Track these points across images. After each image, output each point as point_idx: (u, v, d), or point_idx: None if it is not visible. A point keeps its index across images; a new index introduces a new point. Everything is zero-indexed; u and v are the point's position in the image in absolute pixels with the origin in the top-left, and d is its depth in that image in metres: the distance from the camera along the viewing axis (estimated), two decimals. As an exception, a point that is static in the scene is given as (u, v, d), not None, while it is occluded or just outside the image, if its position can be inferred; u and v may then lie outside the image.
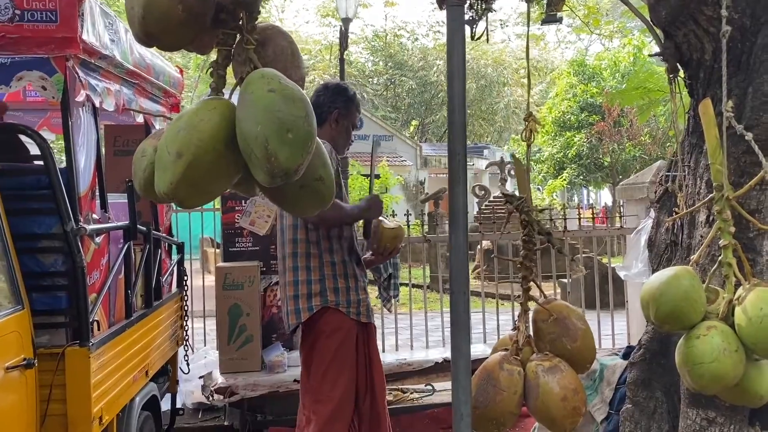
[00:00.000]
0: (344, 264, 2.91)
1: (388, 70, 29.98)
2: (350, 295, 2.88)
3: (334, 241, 2.91)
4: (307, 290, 2.86)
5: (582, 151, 21.28)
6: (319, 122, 3.08)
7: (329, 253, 2.89)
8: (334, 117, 3.06)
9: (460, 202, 1.54)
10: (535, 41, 28.92)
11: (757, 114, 1.80)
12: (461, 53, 1.54)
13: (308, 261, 2.87)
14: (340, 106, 3.07)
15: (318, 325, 2.86)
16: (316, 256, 2.88)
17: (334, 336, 2.85)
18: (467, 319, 1.53)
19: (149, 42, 1.34)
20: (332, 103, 3.06)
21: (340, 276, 2.88)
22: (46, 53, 2.44)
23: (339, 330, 2.85)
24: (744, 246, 1.78)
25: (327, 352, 2.85)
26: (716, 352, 1.58)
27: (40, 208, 2.59)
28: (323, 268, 2.87)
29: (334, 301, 2.85)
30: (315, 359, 2.87)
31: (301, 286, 2.87)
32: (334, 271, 2.88)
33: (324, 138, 3.00)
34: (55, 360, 2.51)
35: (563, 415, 1.55)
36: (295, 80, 1.39)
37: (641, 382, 2.25)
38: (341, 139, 3.10)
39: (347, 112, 3.08)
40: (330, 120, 3.06)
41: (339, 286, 2.87)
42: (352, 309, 2.87)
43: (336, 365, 2.85)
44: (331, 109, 3.05)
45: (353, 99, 3.12)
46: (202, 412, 5.00)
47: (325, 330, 2.86)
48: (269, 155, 1.21)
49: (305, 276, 2.87)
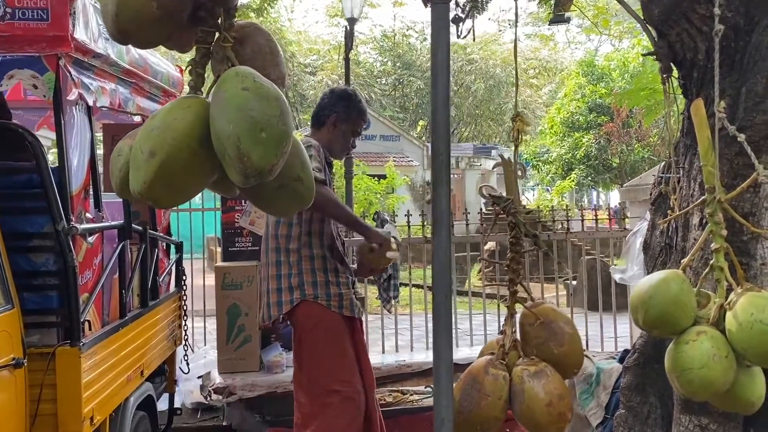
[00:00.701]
0: (324, 259, 2.96)
1: (397, 70, 29.98)
2: (330, 288, 2.92)
3: (315, 237, 2.97)
4: (287, 283, 2.93)
5: (590, 152, 21.18)
6: (319, 124, 3.15)
7: (308, 248, 2.95)
8: (332, 121, 3.10)
9: (443, 203, 1.51)
10: (544, 42, 28.84)
11: (751, 115, 1.76)
12: (445, 51, 1.52)
13: (288, 256, 2.95)
14: (340, 110, 3.11)
15: (300, 318, 2.93)
16: (295, 251, 2.95)
17: (318, 328, 2.90)
18: (449, 323, 1.50)
19: (123, 39, 1.32)
20: (333, 107, 3.11)
21: (319, 270, 2.93)
22: (37, 51, 2.43)
23: (321, 322, 2.90)
24: (737, 249, 1.74)
25: (315, 344, 2.89)
26: (705, 358, 1.55)
27: (31, 207, 2.58)
28: (301, 263, 2.94)
29: (312, 294, 2.89)
30: (304, 353, 2.93)
31: (283, 279, 2.94)
32: (312, 266, 2.93)
33: (321, 139, 3.07)
34: (45, 360, 2.50)
35: (548, 421, 1.52)
36: (273, 79, 1.37)
37: (635, 386, 2.21)
38: (338, 144, 3.13)
39: (346, 117, 3.11)
40: (328, 123, 3.11)
41: (318, 279, 2.92)
42: (333, 302, 2.91)
43: (329, 356, 2.87)
44: (330, 113, 3.10)
45: (355, 105, 3.15)
46: (201, 412, 4.99)
47: (308, 323, 2.92)
48: (241, 155, 1.19)
49: (286, 270, 2.94)
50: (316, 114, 3.17)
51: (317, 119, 3.15)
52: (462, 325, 5.99)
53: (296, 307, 2.90)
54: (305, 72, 30.11)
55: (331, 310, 2.89)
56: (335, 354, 2.88)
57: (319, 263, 2.94)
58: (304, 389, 2.95)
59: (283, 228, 2.96)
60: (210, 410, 4.98)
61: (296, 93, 29.25)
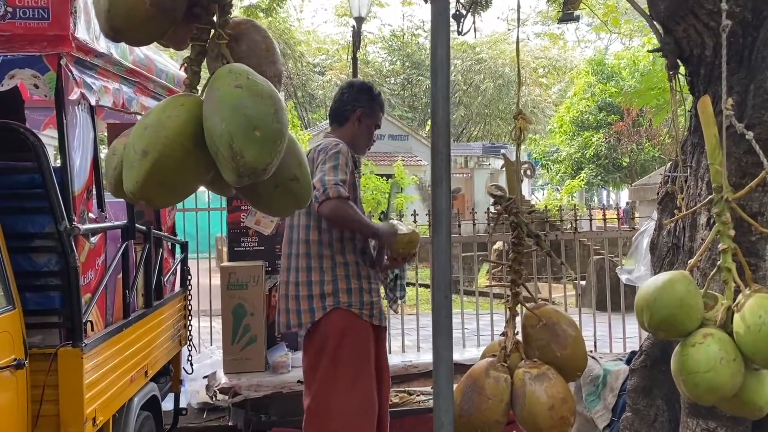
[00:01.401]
0: (357, 265, 2.89)
1: (406, 70, 29.95)
2: (363, 296, 2.85)
3: (347, 242, 2.89)
4: (320, 290, 2.85)
5: (600, 151, 21.08)
6: (342, 120, 3.05)
7: (342, 254, 2.88)
8: (357, 116, 3.02)
9: (442, 203, 1.49)
10: (553, 40, 28.71)
11: (759, 112, 1.72)
12: (445, 47, 1.49)
13: (321, 262, 2.87)
14: (364, 105, 3.03)
15: (330, 326, 2.84)
16: (329, 257, 2.87)
17: (347, 337, 2.82)
18: (449, 325, 1.47)
19: (116, 37, 1.30)
20: (356, 101, 3.02)
21: (353, 277, 2.86)
22: (38, 51, 2.42)
23: (351, 331, 2.83)
24: (745, 250, 1.71)
25: (341, 352, 2.82)
26: (713, 361, 1.51)
27: (33, 207, 2.57)
28: (336, 269, 2.86)
29: (347, 302, 2.82)
30: (325, 361, 2.84)
31: (314, 286, 2.86)
32: (347, 272, 2.86)
33: (345, 137, 2.99)
34: (47, 360, 2.49)
35: (550, 425, 1.49)
36: (269, 76, 1.35)
37: (642, 389, 2.18)
38: (362, 139, 3.06)
39: (371, 111, 3.04)
40: (353, 119, 3.03)
41: (352, 286, 2.85)
42: (365, 311, 2.85)
43: (352, 366, 2.81)
44: (354, 108, 3.01)
45: (377, 98, 3.09)
46: (206, 412, 4.99)
47: (336, 331, 2.83)
48: (235, 154, 1.17)
49: (318, 276, 2.86)
50: (337, 110, 3.07)
51: (339, 115, 3.05)
52: (469, 326, 5.96)
53: (328, 314, 2.83)
54: (314, 72, 30.15)
55: (362, 319, 2.83)
56: (358, 364, 2.82)
57: (353, 270, 2.87)
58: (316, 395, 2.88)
59: (314, 233, 2.88)
60: (216, 410, 4.97)
61: (305, 93, 29.30)
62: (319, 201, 2.73)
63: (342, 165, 2.80)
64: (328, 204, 2.72)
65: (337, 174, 2.77)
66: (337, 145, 2.87)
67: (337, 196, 2.72)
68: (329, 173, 2.76)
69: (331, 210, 2.72)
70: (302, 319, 2.89)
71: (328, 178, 2.75)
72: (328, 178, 2.75)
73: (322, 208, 2.74)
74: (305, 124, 25.35)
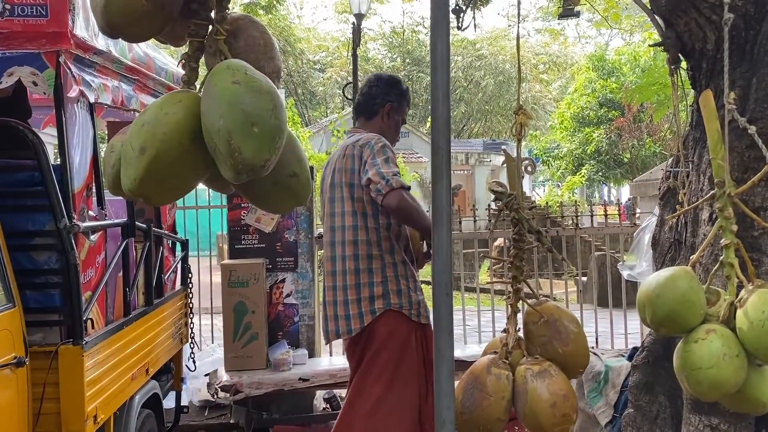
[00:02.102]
0: (404, 265, 2.86)
1: (406, 67, 29.89)
2: (411, 295, 2.82)
3: (394, 241, 2.85)
4: (369, 293, 2.79)
5: (601, 147, 21.02)
6: (370, 114, 3.01)
7: (390, 254, 2.83)
8: (387, 110, 3.00)
9: (443, 199, 1.48)
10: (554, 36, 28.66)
11: (762, 106, 1.71)
12: (445, 43, 1.48)
13: (370, 263, 2.81)
14: (394, 99, 3.00)
15: (380, 328, 2.79)
16: (379, 258, 2.81)
17: (395, 338, 2.78)
18: (450, 322, 1.46)
19: (113, 33, 1.29)
20: (386, 95, 2.99)
21: (401, 277, 2.82)
22: (36, 48, 2.41)
23: (400, 332, 2.79)
24: (748, 245, 1.70)
25: (392, 355, 2.78)
26: (715, 357, 1.50)
27: (33, 205, 2.57)
28: (385, 270, 2.80)
29: (398, 304, 2.78)
30: (377, 364, 2.79)
31: (363, 288, 2.79)
32: (396, 273, 2.82)
33: (373, 131, 2.95)
34: (48, 358, 2.48)
35: (552, 423, 1.48)
36: (268, 72, 1.34)
37: (644, 385, 2.17)
38: (390, 133, 3.02)
39: (399, 106, 3.02)
40: (382, 113, 3.00)
41: (401, 287, 2.81)
42: (413, 311, 2.81)
43: (403, 369, 2.77)
44: (384, 102, 2.98)
45: (406, 93, 3.07)
46: (208, 410, 4.98)
47: (385, 333, 2.79)
48: (233, 150, 1.16)
49: (368, 278, 2.80)
50: (365, 103, 3.02)
51: (369, 109, 3.01)
52: (471, 322, 5.95)
53: (377, 317, 2.77)
54: (314, 69, 30.11)
55: (411, 320, 2.79)
56: (406, 364, 2.78)
57: (401, 270, 2.83)
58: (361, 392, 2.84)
59: (362, 233, 2.81)
60: (217, 408, 4.97)
61: (305, 90, 29.27)
62: (383, 193, 2.68)
63: (392, 158, 2.78)
64: (394, 195, 2.67)
65: (390, 166, 2.73)
66: (380, 139, 2.84)
67: (399, 186, 2.68)
68: (383, 166, 2.72)
69: (398, 201, 2.67)
70: (351, 325, 2.81)
71: (386, 170, 2.70)
72: (385, 170, 2.70)
73: (387, 199, 2.68)
74: (306, 122, 25.33)
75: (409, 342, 2.78)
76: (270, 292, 4.78)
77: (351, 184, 2.84)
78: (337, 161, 2.91)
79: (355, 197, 2.84)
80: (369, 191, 2.76)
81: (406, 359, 2.78)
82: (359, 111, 3.07)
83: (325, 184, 3.01)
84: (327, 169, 3.04)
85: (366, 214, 2.82)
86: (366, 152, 2.78)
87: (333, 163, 2.97)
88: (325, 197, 2.98)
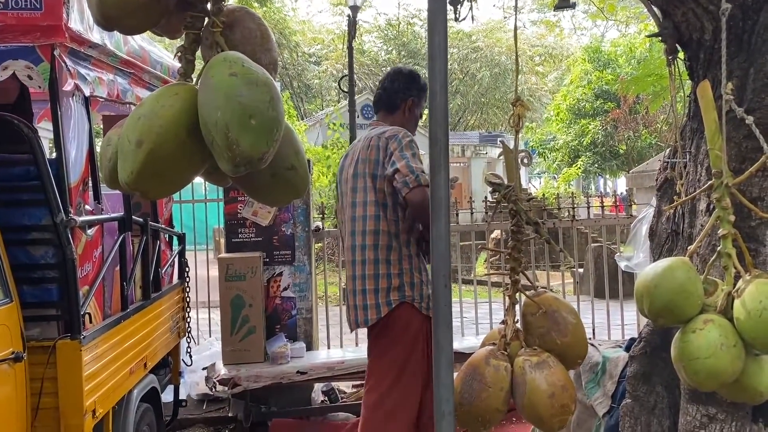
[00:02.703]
0: (418, 257, 2.90)
1: (402, 59, 29.80)
2: (423, 289, 2.85)
3: (411, 234, 2.88)
4: (387, 284, 2.82)
5: (597, 139, 21.04)
6: (391, 108, 3.04)
7: (407, 246, 2.86)
8: (408, 105, 3.03)
9: (441, 191, 1.47)
10: (549, 28, 28.60)
11: (759, 96, 1.70)
12: (443, 33, 1.47)
13: (389, 253, 2.84)
14: (415, 94, 3.03)
15: (394, 320, 2.83)
16: (397, 249, 2.84)
17: (408, 332, 2.82)
18: (449, 314, 1.46)
19: (108, 25, 1.28)
20: (407, 90, 3.02)
21: (416, 270, 2.86)
22: (31, 42, 2.40)
23: (413, 325, 2.82)
24: (745, 236, 1.70)
25: (405, 348, 2.81)
26: (713, 347, 1.50)
27: (29, 200, 2.57)
28: (402, 262, 2.84)
29: (411, 296, 2.82)
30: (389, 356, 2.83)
31: (381, 279, 2.83)
32: (411, 265, 2.85)
33: (394, 124, 2.98)
34: (46, 353, 2.49)
35: (551, 414, 1.48)
36: (264, 64, 1.33)
37: (641, 376, 2.17)
38: (410, 127, 3.05)
39: (419, 101, 3.06)
40: (403, 107, 3.03)
41: (415, 280, 2.84)
42: (424, 304, 2.85)
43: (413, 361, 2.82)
44: (406, 97, 3.02)
45: (425, 88, 3.08)
46: (206, 403, 4.99)
47: (400, 326, 2.83)
48: (230, 143, 1.15)
49: (386, 269, 2.83)
50: (388, 97, 3.05)
51: (390, 103, 3.05)
52: (468, 314, 5.96)
53: (393, 309, 2.81)
54: (309, 62, 30.00)
55: (422, 312, 2.82)
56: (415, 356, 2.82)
57: (416, 262, 2.87)
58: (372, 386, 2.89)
59: (383, 223, 2.85)
60: (215, 401, 4.98)
61: (301, 83, 29.17)
62: (411, 187, 2.72)
63: (418, 154, 2.83)
64: (421, 191, 2.70)
65: (418, 162, 2.78)
66: (407, 133, 2.87)
67: (427, 185, 2.70)
68: (412, 161, 2.76)
69: (422, 197, 2.68)
70: (368, 315, 2.85)
71: (415, 166, 2.74)
72: (415, 165, 2.75)
73: (413, 194, 2.72)
74: (301, 115, 25.26)
75: (419, 335, 2.83)
76: (267, 286, 4.78)
77: (374, 175, 2.87)
78: (361, 152, 2.93)
79: (378, 188, 2.87)
80: (393, 181, 2.79)
81: (416, 352, 2.82)
82: (380, 104, 3.10)
83: (346, 174, 3.02)
84: (348, 159, 3.05)
85: (386, 205, 2.85)
86: (393, 144, 2.82)
87: (356, 153, 2.98)
88: (347, 187, 3.00)
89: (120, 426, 3.02)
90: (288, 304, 4.85)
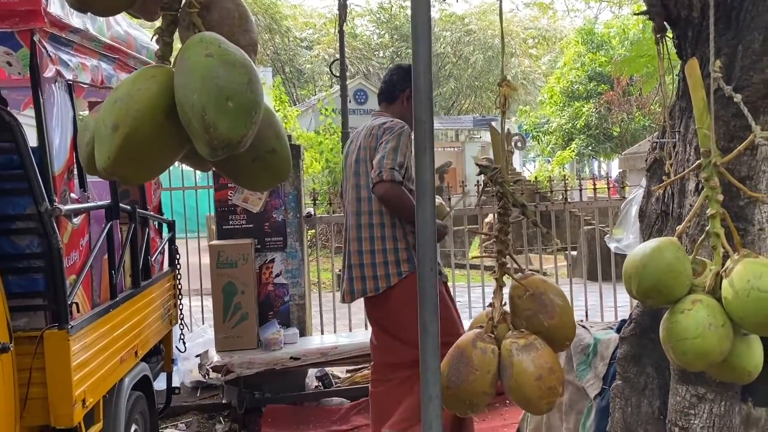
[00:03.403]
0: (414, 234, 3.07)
1: (394, 43, 29.65)
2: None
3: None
4: (395, 257, 3.12)
5: (591, 122, 21.03)
6: (391, 99, 3.36)
7: (411, 224, 3.07)
8: (406, 96, 3.28)
9: (427, 174, 1.45)
10: (542, 10, 28.45)
11: (747, 74, 1.68)
12: (426, 12, 1.45)
13: (394, 231, 3.13)
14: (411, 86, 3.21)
15: (403, 290, 3.07)
16: (401, 227, 3.14)
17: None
18: (435, 297, 1.45)
19: (82, 7, 1.24)
20: (405, 82, 3.25)
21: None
22: (9, 27, 2.35)
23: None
24: (734, 215, 1.68)
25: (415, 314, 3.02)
26: (701, 327, 1.49)
27: (12, 189, 2.52)
28: (407, 237, 3.14)
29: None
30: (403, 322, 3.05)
31: (389, 253, 3.12)
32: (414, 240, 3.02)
33: (395, 114, 3.30)
34: (33, 343, 2.46)
35: (538, 396, 1.47)
36: (243, 45, 1.30)
37: (631, 357, 2.17)
38: (408, 117, 3.27)
39: None
40: (402, 98, 3.32)
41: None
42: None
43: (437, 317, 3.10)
44: (403, 88, 3.29)
45: None
46: (200, 391, 4.99)
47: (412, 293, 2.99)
48: (207, 126, 1.12)
49: (393, 244, 3.12)
50: (387, 89, 3.36)
51: (389, 95, 3.36)
52: (461, 298, 5.96)
53: (403, 279, 3.09)
54: (301, 47, 29.81)
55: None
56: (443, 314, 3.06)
57: (412, 238, 3.06)
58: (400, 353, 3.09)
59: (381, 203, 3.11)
60: (209, 388, 4.98)
61: (293, 68, 28.99)
62: (374, 182, 3.05)
63: (403, 147, 3.07)
64: (381, 187, 3.03)
65: (396, 157, 3.04)
66: (403, 127, 3.15)
67: (390, 180, 3.00)
68: (389, 155, 3.04)
69: (383, 192, 3.03)
70: (378, 284, 3.13)
71: (386, 161, 3.03)
72: (386, 161, 3.03)
73: (375, 189, 3.06)
74: (294, 100, 25.12)
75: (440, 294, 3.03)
76: (259, 272, 4.77)
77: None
78: (363, 139, 3.25)
79: None
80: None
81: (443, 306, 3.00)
82: (382, 96, 3.42)
83: (350, 159, 3.32)
84: (352, 145, 3.36)
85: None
86: (385, 136, 3.12)
87: (359, 141, 3.29)
88: (351, 171, 3.30)
89: (111, 414, 3.01)
90: (280, 290, 4.83)
